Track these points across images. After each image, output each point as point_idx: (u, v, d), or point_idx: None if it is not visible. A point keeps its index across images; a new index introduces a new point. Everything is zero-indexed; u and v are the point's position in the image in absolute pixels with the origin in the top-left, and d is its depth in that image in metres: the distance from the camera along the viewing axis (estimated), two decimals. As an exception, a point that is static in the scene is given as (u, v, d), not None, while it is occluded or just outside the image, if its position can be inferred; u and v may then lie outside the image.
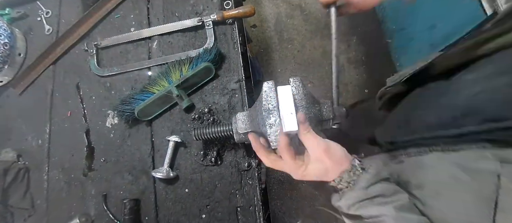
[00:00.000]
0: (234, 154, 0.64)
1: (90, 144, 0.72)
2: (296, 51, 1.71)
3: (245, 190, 0.62)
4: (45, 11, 0.84)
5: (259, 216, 0.60)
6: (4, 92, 0.82)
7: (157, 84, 0.67)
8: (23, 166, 0.74)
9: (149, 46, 0.75)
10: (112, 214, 0.65)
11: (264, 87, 0.47)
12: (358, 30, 1.63)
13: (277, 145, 0.46)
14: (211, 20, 0.69)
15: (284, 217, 1.52)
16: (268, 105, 0.46)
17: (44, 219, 0.70)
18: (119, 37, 0.75)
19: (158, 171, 0.63)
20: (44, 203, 0.71)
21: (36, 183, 0.73)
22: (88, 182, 0.70)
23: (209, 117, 0.66)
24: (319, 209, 1.51)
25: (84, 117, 0.74)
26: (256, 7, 1.11)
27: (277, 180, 1.57)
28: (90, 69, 0.76)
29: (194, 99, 0.68)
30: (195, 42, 0.72)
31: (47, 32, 0.82)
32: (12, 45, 0.79)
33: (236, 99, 0.66)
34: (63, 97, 0.77)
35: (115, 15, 0.78)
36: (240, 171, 0.63)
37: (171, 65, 0.67)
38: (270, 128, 0.46)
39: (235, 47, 0.69)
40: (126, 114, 0.67)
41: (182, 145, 0.66)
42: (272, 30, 1.76)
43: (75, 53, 0.79)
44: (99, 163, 0.70)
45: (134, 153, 0.69)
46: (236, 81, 0.67)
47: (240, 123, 0.51)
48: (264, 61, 1.71)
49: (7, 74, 0.80)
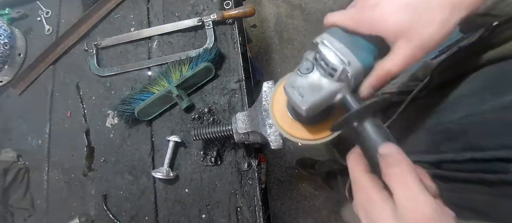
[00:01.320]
0: (234, 154, 0.64)
1: (90, 144, 0.72)
2: (296, 51, 1.71)
3: (245, 190, 0.62)
4: (45, 11, 0.84)
5: (259, 216, 0.60)
6: (4, 92, 0.82)
7: (157, 84, 0.67)
8: (23, 166, 0.74)
9: (149, 46, 0.75)
10: (112, 214, 0.65)
11: (264, 87, 0.47)
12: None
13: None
14: (211, 20, 0.69)
15: (284, 217, 1.53)
16: (268, 105, 0.46)
17: (44, 219, 0.70)
18: (119, 37, 0.75)
19: (158, 171, 0.63)
20: (44, 203, 0.71)
21: (36, 183, 0.73)
22: (88, 182, 0.70)
23: (209, 117, 0.66)
24: (319, 208, 1.51)
25: (84, 117, 0.74)
26: (256, 7, 1.11)
27: (277, 180, 1.58)
28: (90, 69, 0.76)
29: (194, 99, 0.68)
30: (195, 42, 0.72)
31: (47, 32, 0.82)
32: (12, 45, 0.79)
33: (236, 99, 0.66)
34: (63, 97, 0.77)
35: (115, 15, 0.78)
36: (240, 171, 0.63)
37: (171, 65, 0.67)
38: (270, 128, 0.46)
39: (235, 47, 0.69)
40: (126, 114, 0.67)
41: (182, 145, 0.66)
42: (272, 30, 1.76)
43: (75, 53, 0.79)
44: (99, 163, 0.70)
45: (134, 153, 0.69)
46: (236, 81, 0.67)
47: (240, 122, 0.51)
48: (264, 61, 1.71)
49: (7, 74, 0.80)
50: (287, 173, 1.58)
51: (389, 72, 0.32)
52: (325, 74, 0.33)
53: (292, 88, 0.34)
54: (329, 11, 0.36)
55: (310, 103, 0.33)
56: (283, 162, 1.59)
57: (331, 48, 0.32)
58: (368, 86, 0.33)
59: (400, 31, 0.30)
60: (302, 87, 0.34)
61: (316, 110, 0.34)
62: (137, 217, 0.65)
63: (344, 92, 0.33)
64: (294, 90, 0.34)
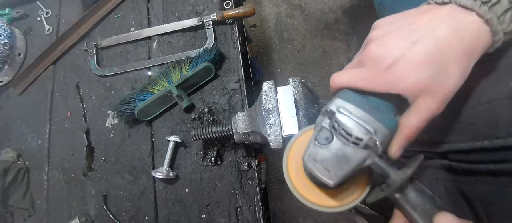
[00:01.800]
0: (234, 154, 0.64)
1: (90, 144, 0.72)
2: (296, 51, 1.71)
3: (245, 190, 0.62)
4: (45, 11, 0.84)
5: (259, 216, 0.60)
6: (4, 92, 0.82)
7: (157, 84, 0.67)
8: (23, 166, 0.74)
9: (149, 46, 0.75)
10: (112, 214, 0.65)
11: (264, 87, 0.47)
12: (358, 30, 1.64)
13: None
14: (211, 20, 0.69)
15: (284, 217, 1.52)
16: (268, 105, 0.46)
17: (44, 219, 0.70)
18: (119, 37, 0.75)
19: (158, 171, 0.63)
20: (44, 203, 0.71)
21: (36, 183, 0.73)
22: (88, 182, 0.70)
23: (209, 116, 0.66)
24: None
25: (84, 117, 0.74)
26: (256, 7, 1.11)
27: (277, 180, 1.57)
28: (90, 69, 0.76)
29: (194, 99, 0.68)
30: (195, 42, 0.72)
31: (47, 32, 0.82)
32: (12, 45, 0.79)
33: (236, 99, 0.66)
34: (63, 97, 0.77)
35: (115, 15, 0.78)
36: (240, 171, 0.63)
37: (171, 65, 0.67)
38: (270, 128, 0.46)
39: (235, 47, 0.69)
40: (126, 114, 0.67)
41: (182, 145, 0.66)
42: (272, 30, 1.76)
43: (75, 53, 0.79)
44: (99, 163, 0.70)
45: (134, 153, 0.69)
46: (236, 81, 0.67)
47: (240, 122, 0.51)
48: (264, 61, 1.71)
49: (7, 74, 0.80)
50: (287, 173, 1.58)
51: (416, 129, 0.31)
52: (348, 143, 0.31)
53: (315, 163, 0.32)
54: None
55: (339, 177, 0.31)
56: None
57: (351, 117, 0.30)
58: (399, 147, 0.32)
59: (421, 88, 0.30)
60: (326, 160, 0.31)
61: (344, 181, 0.32)
62: (137, 217, 0.65)
63: (372, 158, 0.31)
64: (317, 164, 0.31)
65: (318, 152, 0.32)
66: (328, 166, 0.31)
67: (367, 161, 0.31)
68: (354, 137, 0.30)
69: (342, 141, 0.31)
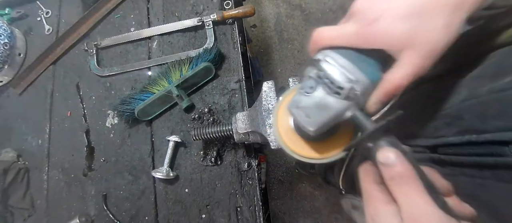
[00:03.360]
0: (234, 154, 0.64)
1: (90, 144, 0.72)
2: (296, 51, 1.71)
3: (245, 190, 0.62)
4: (45, 11, 0.84)
5: (259, 216, 0.60)
6: (4, 92, 0.82)
7: (157, 84, 0.67)
8: (23, 166, 0.74)
9: (149, 46, 0.75)
10: (112, 214, 0.65)
11: (264, 87, 0.47)
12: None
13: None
14: (211, 20, 0.69)
15: (284, 217, 1.53)
16: (268, 105, 0.46)
17: (44, 219, 0.70)
18: (119, 37, 0.75)
19: (158, 171, 0.63)
20: (44, 203, 0.71)
21: (36, 183, 0.73)
22: (88, 182, 0.70)
23: (209, 116, 0.66)
24: (319, 208, 1.51)
25: (84, 117, 0.74)
26: (256, 7, 1.11)
27: (277, 180, 1.58)
28: (90, 69, 0.76)
29: (194, 99, 0.68)
30: (195, 42, 0.72)
31: (47, 32, 0.82)
32: (12, 45, 0.79)
33: (236, 99, 0.66)
34: (63, 97, 0.77)
35: (115, 15, 0.78)
36: (240, 171, 0.63)
37: (171, 65, 0.67)
38: (270, 128, 0.46)
39: (235, 47, 0.69)
40: (126, 114, 0.67)
41: (182, 145, 0.66)
42: (272, 30, 1.76)
43: (75, 53, 0.79)
44: (99, 163, 0.70)
45: (134, 153, 0.69)
46: (236, 81, 0.67)
47: (240, 122, 0.51)
48: (264, 61, 1.71)
49: (7, 74, 0.80)
50: (287, 173, 1.58)
51: (397, 85, 0.31)
52: (330, 93, 0.31)
53: (297, 109, 0.33)
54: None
55: (318, 124, 0.32)
56: (283, 162, 1.59)
57: (335, 65, 0.31)
58: (377, 102, 0.32)
59: (404, 42, 0.29)
60: (308, 107, 0.32)
61: (324, 130, 0.33)
62: (137, 217, 0.65)
63: (353, 110, 0.31)
64: (300, 111, 0.33)
65: (301, 99, 0.33)
66: (309, 112, 0.32)
67: (348, 113, 0.32)
68: (336, 86, 0.30)
69: (325, 90, 0.31)
